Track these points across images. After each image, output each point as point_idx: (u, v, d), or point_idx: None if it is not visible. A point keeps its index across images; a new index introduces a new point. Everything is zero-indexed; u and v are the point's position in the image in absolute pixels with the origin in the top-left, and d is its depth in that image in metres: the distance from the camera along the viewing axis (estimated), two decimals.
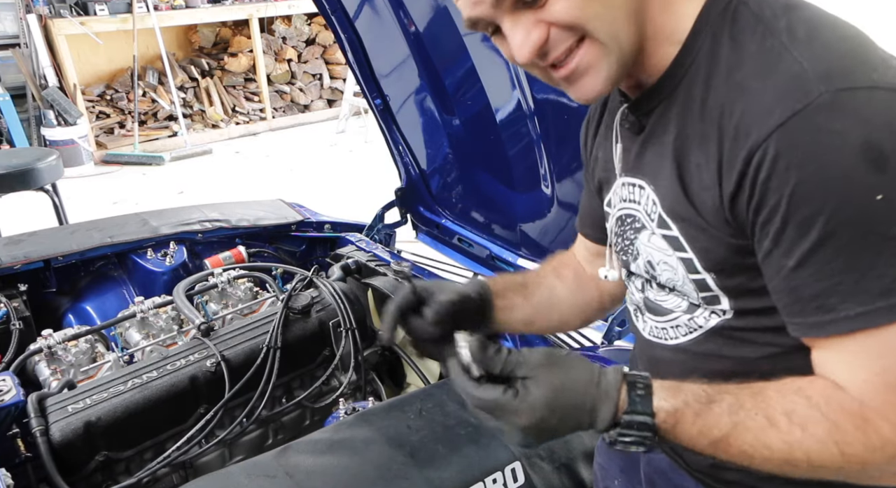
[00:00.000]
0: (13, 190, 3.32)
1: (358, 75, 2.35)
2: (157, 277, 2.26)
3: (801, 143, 0.63)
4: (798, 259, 0.66)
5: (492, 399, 0.72)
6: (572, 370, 0.73)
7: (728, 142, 0.69)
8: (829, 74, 0.63)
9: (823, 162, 0.62)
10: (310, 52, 7.80)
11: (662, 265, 0.83)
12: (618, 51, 0.74)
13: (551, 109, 1.79)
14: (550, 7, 0.71)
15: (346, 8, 2.18)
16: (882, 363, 0.66)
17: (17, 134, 5.91)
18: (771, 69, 0.66)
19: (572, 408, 0.71)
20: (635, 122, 0.84)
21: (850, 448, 0.66)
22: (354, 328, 1.82)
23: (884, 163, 0.61)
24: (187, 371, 1.62)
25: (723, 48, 0.72)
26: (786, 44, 0.67)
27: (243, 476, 1.23)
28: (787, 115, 0.63)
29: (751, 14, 0.71)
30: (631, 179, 0.86)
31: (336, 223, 2.54)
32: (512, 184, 2.10)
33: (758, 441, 0.68)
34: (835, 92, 0.62)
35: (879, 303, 0.64)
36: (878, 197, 0.61)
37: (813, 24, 0.69)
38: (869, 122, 0.62)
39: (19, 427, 1.49)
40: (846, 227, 0.63)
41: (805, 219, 0.64)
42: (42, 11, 5.98)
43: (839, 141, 0.62)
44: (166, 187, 5.70)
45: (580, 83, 0.76)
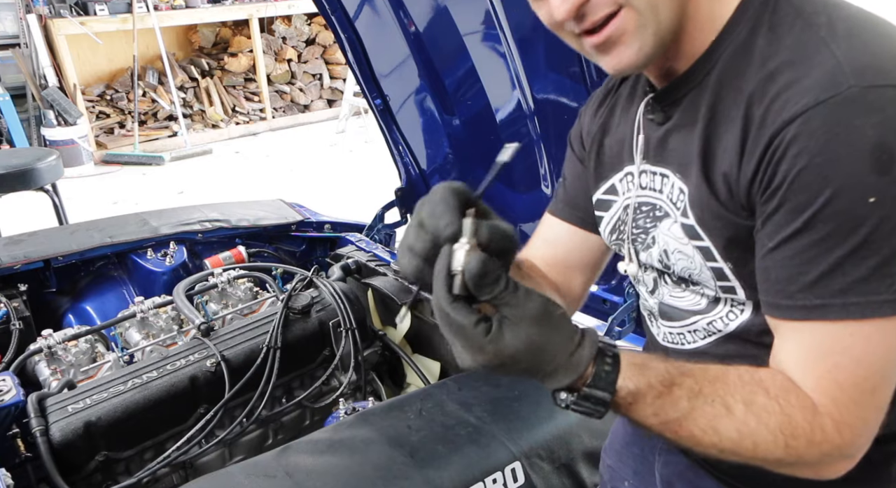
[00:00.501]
0: (13, 190, 3.32)
1: (358, 75, 2.35)
2: (157, 277, 2.26)
3: (816, 132, 0.63)
4: (778, 241, 0.68)
5: (461, 324, 0.66)
6: (555, 333, 0.68)
7: (754, 130, 0.69)
8: (863, 70, 0.63)
9: (832, 153, 0.62)
10: (310, 52, 7.80)
11: (677, 254, 0.83)
12: (655, 24, 0.72)
13: (551, 109, 1.79)
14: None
15: (346, 8, 2.18)
16: (833, 360, 0.67)
17: (17, 134, 5.91)
18: (805, 61, 0.66)
19: (535, 367, 0.68)
20: (661, 112, 0.83)
21: (794, 441, 0.67)
22: (354, 328, 1.82)
23: (890, 165, 0.61)
24: (187, 371, 1.62)
25: (759, 38, 0.71)
26: (825, 38, 0.67)
27: (243, 476, 1.23)
28: (811, 104, 0.63)
29: (791, 7, 0.71)
30: (653, 168, 0.85)
31: (336, 223, 2.54)
32: (512, 184, 2.10)
33: (710, 426, 0.69)
34: (865, 88, 0.62)
35: (835, 300, 0.65)
36: (871, 199, 0.61)
37: (853, 22, 0.68)
38: (888, 124, 0.61)
39: (19, 427, 1.49)
40: (829, 222, 0.63)
41: (797, 205, 0.65)
42: (42, 11, 5.98)
43: (854, 136, 0.62)
44: (166, 187, 5.70)
45: (613, 52, 0.74)
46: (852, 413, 0.67)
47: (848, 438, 0.68)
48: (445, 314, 0.67)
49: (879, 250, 0.63)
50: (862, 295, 0.64)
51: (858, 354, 0.66)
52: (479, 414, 1.37)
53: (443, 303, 0.67)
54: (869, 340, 0.66)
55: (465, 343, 0.67)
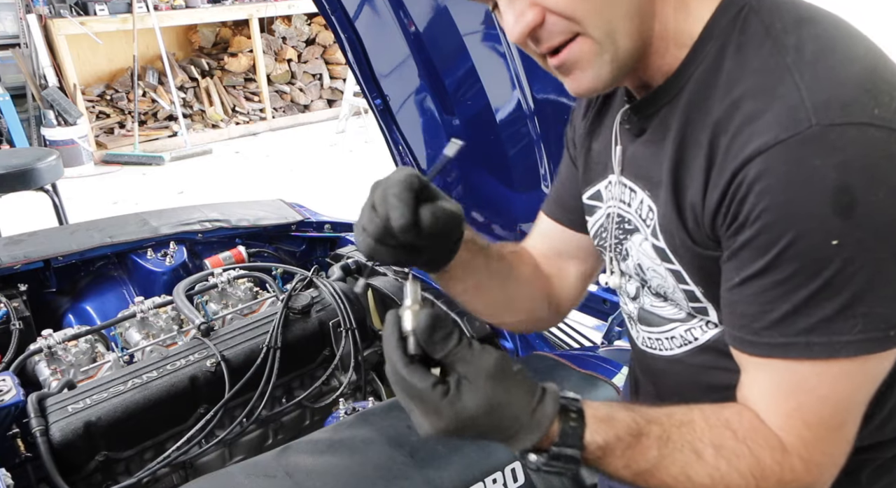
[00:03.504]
0: (13, 190, 3.32)
1: (358, 75, 2.35)
2: (157, 277, 2.26)
3: (778, 172, 0.62)
4: (743, 277, 0.67)
5: (418, 388, 0.64)
6: (514, 390, 0.67)
7: (718, 161, 0.67)
8: (825, 106, 0.61)
9: (794, 195, 0.61)
10: (310, 52, 7.80)
11: (652, 271, 0.83)
12: (612, 51, 0.71)
13: (551, 109, 1.79)
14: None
15: (346, 8, 2.18)
16: (800, 399, 0.67)
17: (17, 134, 5.91)
18: (769, 91, 0.65)
19: (496, 428, 0.67)
20: (636, 124, 0.82)
21: (764, 483, 0.68)
22: (354, 328, 1.82)
23: (851, 210, 0.60)
24: (187, 371, 1.62)
25: (727, 59, 0.70)
26: (790, 65, 0.65)
27: (243, 476, 1.23)
28: (772, 142, 0.62)
29: (761, 25, 0.69)
30: (625, 180, 0.85)
31: (336, 223, 2.54)
32: (512, 184, 2.10)
33: (682, 473, 0.69)
34: (825, 127, 0.60)
35: (799, 339, 0.65)
36: (834, 242, 0.61)
37: (824, 43, 0.66)
38: (849, 165, 0.60)
39: (19, 427, 1.49)
40: (793, 262, 0.63)
41: (761, 244, 0.64)
42: (42, 11, 5.98)
43: (815, 178, 0.60)
44: (166, 187, 5.70)
45: (572, 76, 0.74)
46: (820, 450, 0.68)
47: (816, 475, 0.68)
48: (401, 378, 0.65)
49: (843, 292, 0.62)
50: (825, 335, 0.64)
51: (825, 393, 0.66)
52: None
53: (398, 366, 0.66)
54: (835, 380, 0.66)
55: (423, 407, 0.65)
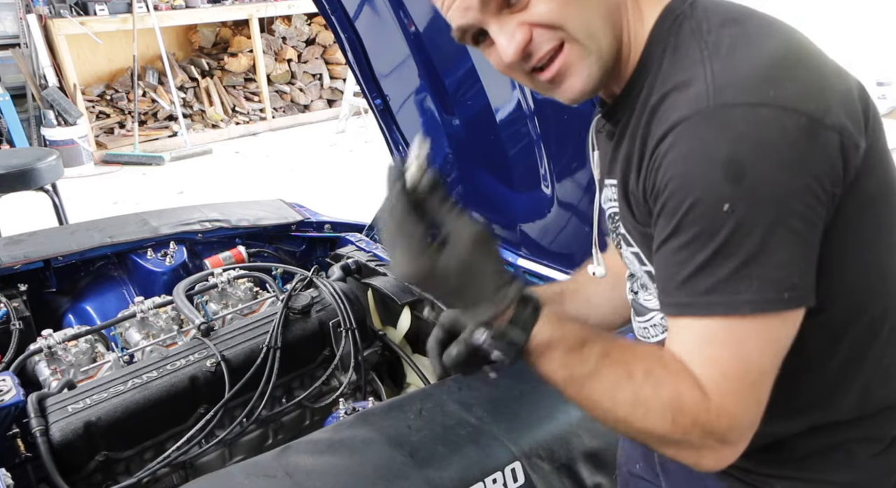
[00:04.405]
0: (13, 190, 3.32)
1: (358, 75, 2.34)
2: (157, 277, 2.26)
3: (681, 144, 0.69)
4: (658, 243, 0.74)
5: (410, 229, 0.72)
6: (488, 262, 0.74)
7: (647, 145, 0.75)
8: (723, 89, 0.69)
9: (692, 164, 0.69)
10: (310, 52, 7.80)
11: (627, 260, 0.91)
12: (597, 51, 0.78)
13: (551, 109, 1.79)
14: (532, 9, 0.76)
15: (346, 8, 2.18)
16: (712, 351, 0.72)
17: (17, 134, 5.90)
18: (686, 81, 0.72)
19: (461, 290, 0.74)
20: (609, 129, 0.89)
21: (681, 418, 0.71)
22: (354, 328, 1.82)
23: (740, 177, 0.66)
24: (187, 371, 1.62)
25: (665, 60, 0.77)
26: (705, 58, 0.72)
27: (243, 476, 1.23)
28: (678, 120, 0.70)
29: (690, 28, 0.76)
30: (610, 181, 0.91)
31: (336, 223, 2.54)
32: (512, 184, 2.10)
33: (610, 388, 0.74)
34: (720, 106, 0.68)
35: (700, 298, 0.70)
36: (725, 206, 0.67)
37: (739, 40, 0.73)
38: (738, 137, 0.67)
39: (19, 427, 1.49)
40: (692, 226, 0.69)
41: (669, 210, 0.71)
42: (42, 11, 5.97)
43: (709, 150, 0.68)
44: (166, 187, 5.70)
45: (564, 85, 0.81)
46: (734, 401, 0.71)
47: (727, 424, 0.71)
48: (399, 216, 0.73)
49: (737, 253, 0.68)
50: (724, 294, 0.69)
51: (735, 349, 0.71)
52: (479, 414, 1.37)
53: (400, 206, 0.73)
54: (742, 337, 0.70)
55: (407, 247, 0.72)
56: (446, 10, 0.81)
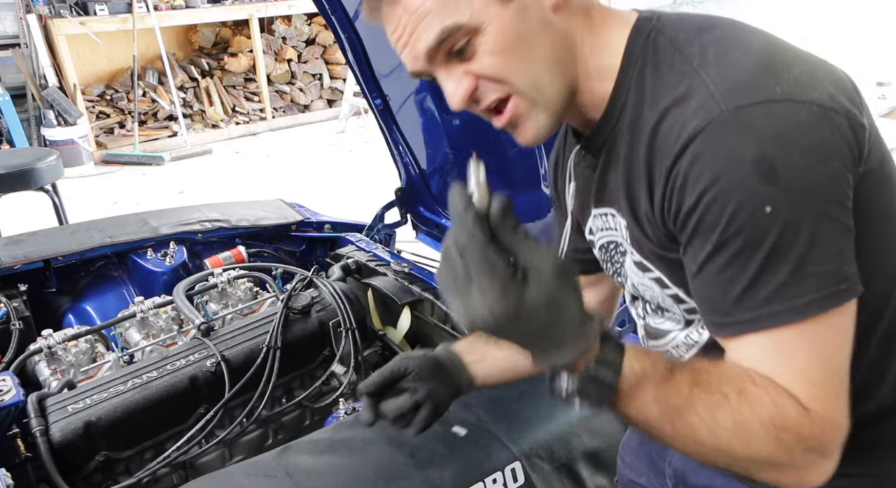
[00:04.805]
0: (13, 190, 3.32)
1: (358, 75, 2.34)
2: (157, 277, 2.26)
3: (704, 157, 0.67)
4: (700, 264, 0.71)
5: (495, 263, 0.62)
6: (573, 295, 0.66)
7: (655, 163, 0.73)
8: (730, 92, 0.68)
9: (721, 174, 0.66)
10: (310, 52, 7.80)
11: (642, 287, 0.88)
12: (544, 102, 0.79)
13: None
14: (477, 60, 0.77)
15: (346, 8, 2.18)
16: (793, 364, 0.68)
17: (17, 134, 5.90)
18: (686, 95, 0.71)
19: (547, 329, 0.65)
20: (590, 159, 0.89)
21: (784, 434, 0.67)
22: (354, 328, 1.82)
23: (775, 175, 0.65)
24: (187, 371, 1.62)
25: (647, 78, 0.76)
26: (696, 68, 0.71)
27: (243, 476, 1.23)
28: (693, 133, 0.68)
29: (667, 41, 0.76)
30: (602, 209, 0.90)
31: (336, 223, 2.54)
32: (512, 184, 2.10)
33: (708, 414, 0.68)
34: (733, 109, 0.67)
35: (762, 311, 0.67)
36: (768, 209, 0.65)
37: (724, 45, 0.73)
38: (762, 138, 0.65)
39: (19, 427, 1.49)
40: (738, 238, 0.67)
41: (706, 228, 0.68)
42: (42, 11, 5.97)
43: (735, 155, 0.66)
44: (166, 187, 5.70)
45: (517, 131, 0.82)
46: (830, 409, 0.68)
47: (831, 435, 0.68)
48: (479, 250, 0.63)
49: (790, 255, 0.66)
50: (786, 301, 0.67)
51: (812, 354, 0.68)
52: (479, 414, 1.37)
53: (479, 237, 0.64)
54: (814, 340, 0.68)
55: (491, 285, 0.62)
56: (398, 53, 0.82)
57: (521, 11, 0.76)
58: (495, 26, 0.75)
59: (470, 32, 0.75)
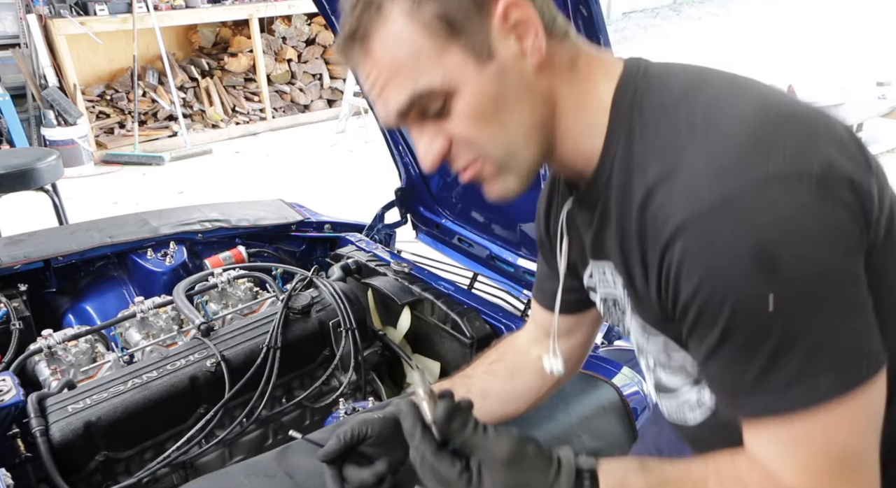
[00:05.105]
0: (13, 190, 3.32)
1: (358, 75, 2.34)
2: (157, 277, 2.26)
3: (697, 250, 0.64)
4: (706, 352, 0.69)
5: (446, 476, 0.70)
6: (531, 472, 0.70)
7: (648, 247, 0.70)
8: (719, 175, 0.63)
9: (718, 267, 0.63)
10: (310, 52, 7.80)
11: (647, 343, 0.86)
12: (515, 167, 0.77)
13: None
14: (451, 122, 0.74)
15: None
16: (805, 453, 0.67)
17: (17, 134, 5.90)
18: (674, 173, 0.67)
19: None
20: (585, 213, 0.85)
21: None
22: (354, 328, 1.81)
23: (774, 265, 0.61)
24: (187, 371, 1.62)
25: (635, 142, 0.72)
26: (684, 139, 0.67)
27: (243, 476, 1.23)
28: (682, 222, 0.64)
29: (654, 102, 0.72)
30: (600, 263, 0.88)
31: (336, 223, 2.54)
32: None
33: None
34: (724, 197, 0.62)
35: (778, 397, 0.65)
36: (771, 302, 0.61)
37: (712, 111, 0.68)
38: (757, 226, 0.61)
39: (19, 427, 1.49)
40: (743, 329, 0.64)
41: (708, 320, 0.66)
42: (42, 11, 5.97)
43: (731, 247, 0.62)
44: (166, 187, 5.70)
45: (486, 187, 0.80)
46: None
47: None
48: (431, 466, 0.71)
49: (800, 342, 0.63)
50: (801, 386, 0.64)
51: (828, 441, 0.66)
52: None
53: (428, 455, 0.72)
54: (831, 426, 0.65)
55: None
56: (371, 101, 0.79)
57: (500, 74, 0.72)
58: (471, 89, 0.71)
59: (444, 94, 0.72)
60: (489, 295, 2.10)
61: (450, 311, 1.80)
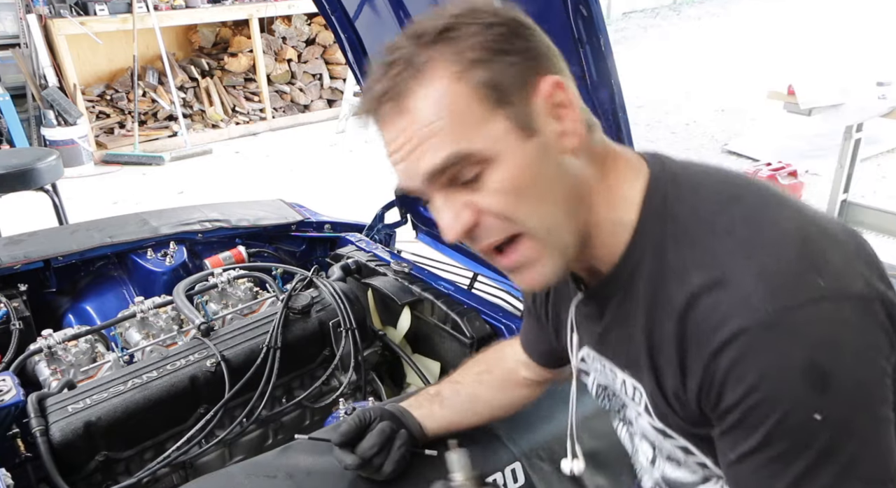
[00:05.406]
0: (13, 190, 3.32)
1: (358, 75, 2.35)
2: (157, 277, 2.26)
3: (750, 359, 0.65)
4: (739, 455, 0.69)
5: None
6: None
7: (690, 351, 0.70)
8: (774, 290, 0.65)
9: (767, 379, 0.65)
10: (310, 52, 7.80)
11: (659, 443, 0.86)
12: (559, 247, 0.75)
13: None
14: (484, 194, 0.71)
15: (346, 8, 2.18)
16: None
17: (17, 134, 5.90)
18: (721, 279, 0.67)
19: None
20: (594, 308, 0.86)
21: None
22: (354, 328, 1.81)
23: (825, 383, 0.63)
24: (187, 371, 1.62)
25: (668, 248, 0.73)
26: (730, 250, 0.68)
27: (243, 476, 1.23)
28: (737, 331, 0.65)
29: (689, 211, 0.73)
30: (600, 357, 0.89)
31: (336, 223, 2.54)
32: None
33: None
34: (779, 311, 0.64)
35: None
36: (817, 416, 0.63)
37: (754, 223, 0.70)
38: (810, 343, 0.64)
39: (19, 427, 1.49)
40: (784, 438, 0.65)
41: (750, 425, 0.67)
42: (42, 11, 5.97)
43: (784, 360, 0.64)
44: (166, 187, 5.70)
45: (524, 275, 0.77)
46: None
47: None
48: None
49: (837, 458, 0.64)
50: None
51: None
52: None
53: None
54: None
55: None
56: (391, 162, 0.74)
57: (542, 150, 0.71)
58: (512, 161, 0.70)
59: (481, 162, 0.70)
60: (489, 295, 2.10)
61: (450, 311, 1.81)
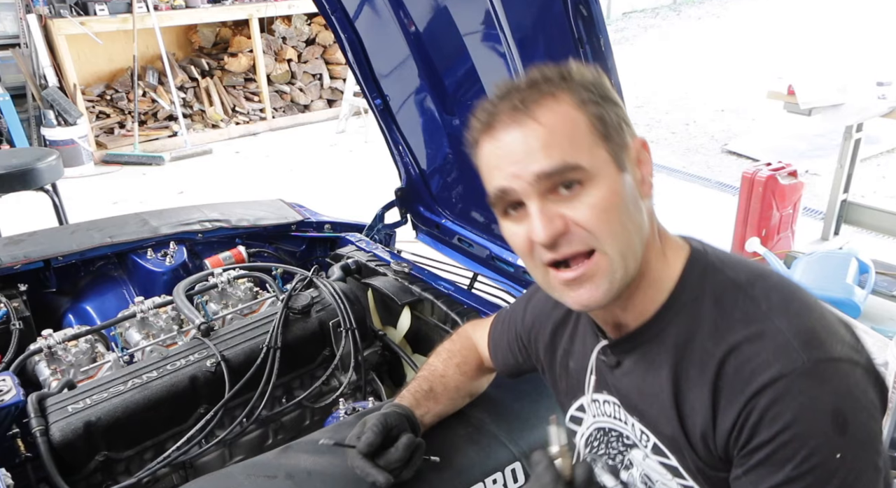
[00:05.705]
0: (13, 190, 3.32)
1: (358, 75, 2.35)
2: (157, 277, 2.26)
3: (785, 401, 0.76)
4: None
5: None
6: None
7: (725, 394, 0.80)
8: (808, 345, 0.78)
9: (800, 419, 0.75)
10: (310, 52, 7.80)
11: (661, 484, 0.93)
12: (623, 270, 0.83)
13: None
14: (579, 207, 0.81)
15: (346, 8, 2.18)
16: None
17: (17, 134, 5.90)
18: (760, 335, 0.80)
19: None
20: (612, 357, 0.95)
21: None
22: (354, 328, 1.81)
23: (846, 427, 0.75)
24: (187, 371, 1.62)
25: (705, 310, 0.84)
26: (766, 313, 0.81)
27: (243, 476, 1.23)
28: (776, 376, 0.77)
29: (726, 277, 0.86)
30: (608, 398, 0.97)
31: (336, 223, 2.54)
32: None
33: None
34: (814, 362, 0.77)
35: None
36: (838, 455, 0.74)
37: (781, 294, 0.83)
38: (837, 392, 0.76)
39: (19, 427, 1.49)
40: (808, 475, 0.75)
41: (778, 460, 0.76)
42: (42, 11, 5.97)
43: (816, 404, 0.76)
44: (166, 187, 5.70)
45: (582, 290, 0.85)
46: None
47: None
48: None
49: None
50: None
51: None
52: (479, 414, 1.37)
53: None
54: None
55: None
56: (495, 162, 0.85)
57: (629, 185, 0.84)
58: (607, 184, 0.81)
59: (583, 177, 0.81)
60: (489, 295, 2.10)
61: (450, 311, 1.81)
